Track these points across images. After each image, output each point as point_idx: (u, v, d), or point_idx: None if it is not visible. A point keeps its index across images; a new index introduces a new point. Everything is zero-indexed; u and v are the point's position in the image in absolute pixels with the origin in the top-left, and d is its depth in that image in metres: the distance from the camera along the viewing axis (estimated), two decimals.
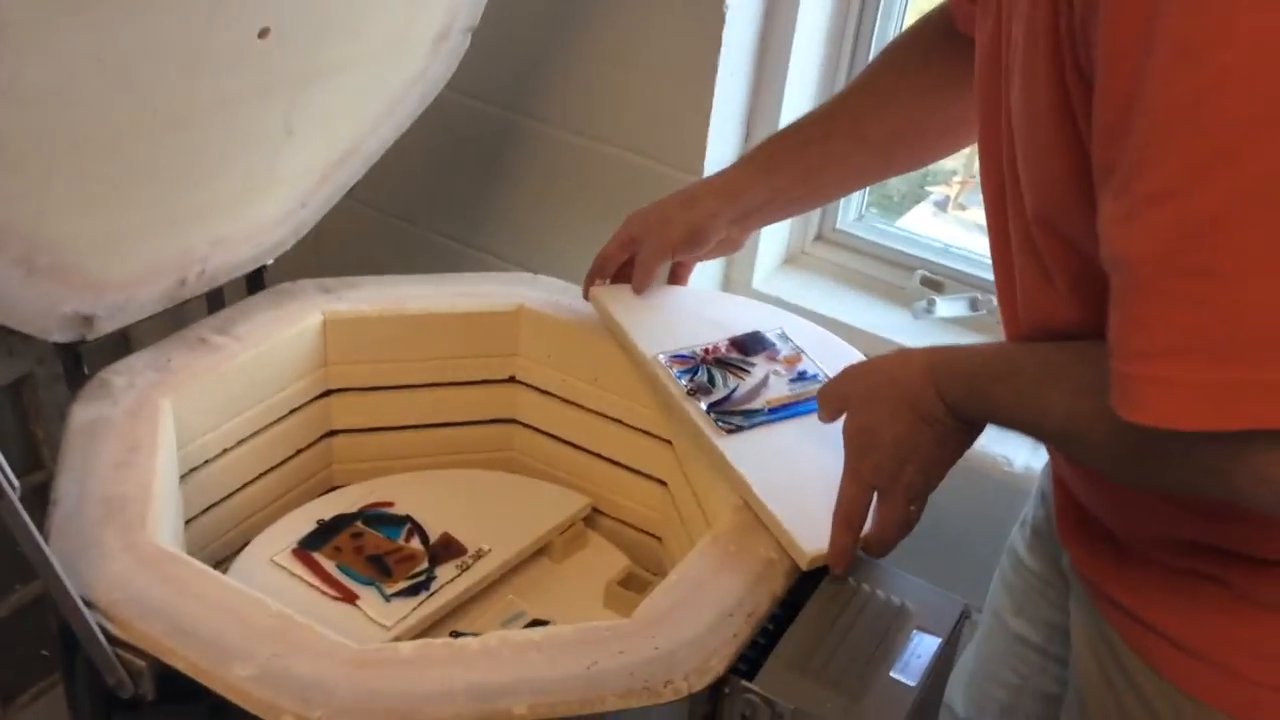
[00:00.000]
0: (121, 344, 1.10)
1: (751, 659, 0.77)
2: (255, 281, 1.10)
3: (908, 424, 0.77)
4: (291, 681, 0.70)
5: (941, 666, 0.80)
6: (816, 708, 0.73)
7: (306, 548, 0.99)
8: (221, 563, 1.01)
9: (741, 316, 1.10)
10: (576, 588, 1.03)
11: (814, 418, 0.92)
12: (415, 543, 1.02)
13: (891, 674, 0.76)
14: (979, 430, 0.79)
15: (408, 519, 1.04)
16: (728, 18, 1.17)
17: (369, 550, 1.00)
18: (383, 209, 1.50)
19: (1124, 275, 0.55)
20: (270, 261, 1.09)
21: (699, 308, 1.11)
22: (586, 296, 1.08)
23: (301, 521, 1.03)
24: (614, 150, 1.30)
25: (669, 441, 1.05)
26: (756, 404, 0.98)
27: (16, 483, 0.72)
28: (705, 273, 1.29)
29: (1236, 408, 0.52)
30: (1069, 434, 0.68)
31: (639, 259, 1.04)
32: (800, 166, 0.98)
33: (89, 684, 0.81)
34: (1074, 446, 0.71)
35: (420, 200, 1.48)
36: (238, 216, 1.00)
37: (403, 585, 0.97)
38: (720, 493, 0.91)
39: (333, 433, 1.12)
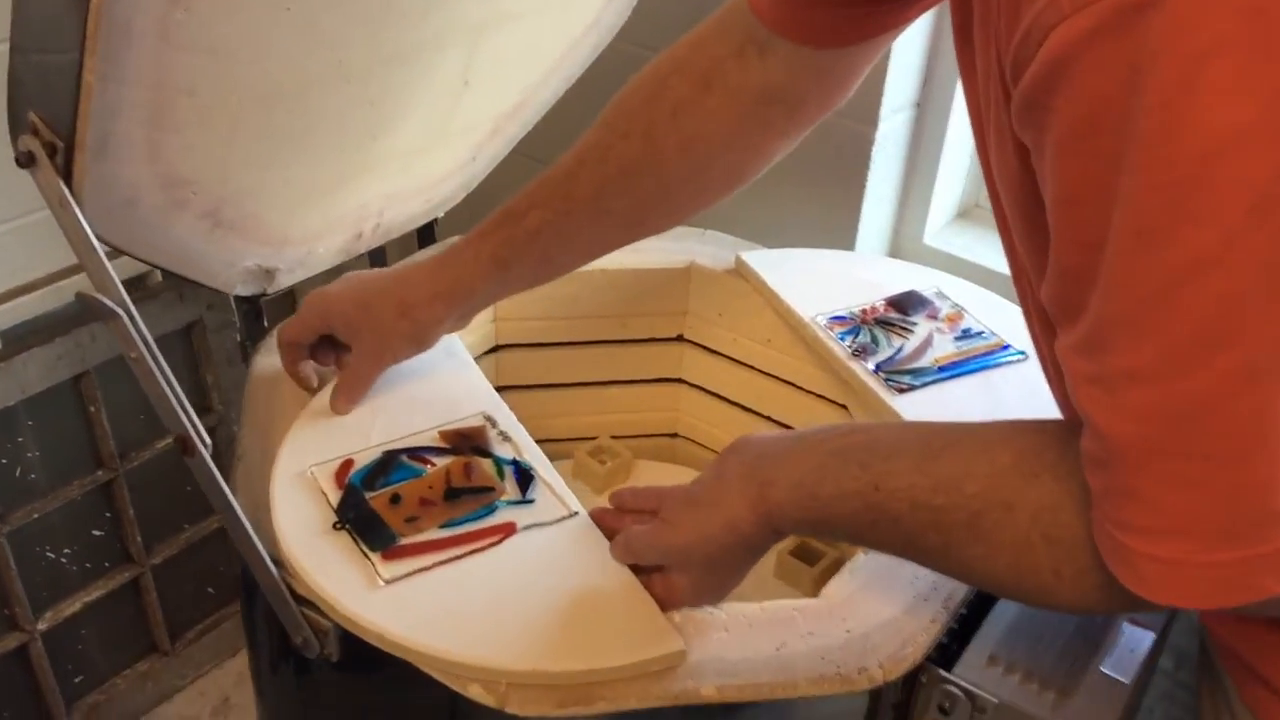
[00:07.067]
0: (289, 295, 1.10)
1: (946, 647, 0.73)
2: (426, 235, 1.08)
3: (746, 571, 0.73)
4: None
5: (1152, 664, 0.75)
6: (1024, 702, 0.68)
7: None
8: None
9: (894, 276, 1.07)
10: None
11: (986, 375, 0.94)
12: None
13: (1103, 669, 0.71)
14: None
15: None
16: None
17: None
18: (542, 160, 1.48)
19: (1105, 446, 0.52)
20: (441, 215, 1.08)
21: (847, 270, 1.08)
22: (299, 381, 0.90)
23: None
24: None
25: (844, 406, 1.01)
26: (924, 362, 0.96)
27: (209, 439, 0.72)
28: (872, 229, 1.24)
29: (1246, 582, 0.51)
30: (1005, 584, 0.62)
31: (354, 370, 0.86)
32: (535, 255, 0.85)
33: (270, 641, 0.81)
34: (1007, 592, 0.65)
35: None
36: (412, 170, 0.98)
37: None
38: None
39: (500, 389, 1.10)
